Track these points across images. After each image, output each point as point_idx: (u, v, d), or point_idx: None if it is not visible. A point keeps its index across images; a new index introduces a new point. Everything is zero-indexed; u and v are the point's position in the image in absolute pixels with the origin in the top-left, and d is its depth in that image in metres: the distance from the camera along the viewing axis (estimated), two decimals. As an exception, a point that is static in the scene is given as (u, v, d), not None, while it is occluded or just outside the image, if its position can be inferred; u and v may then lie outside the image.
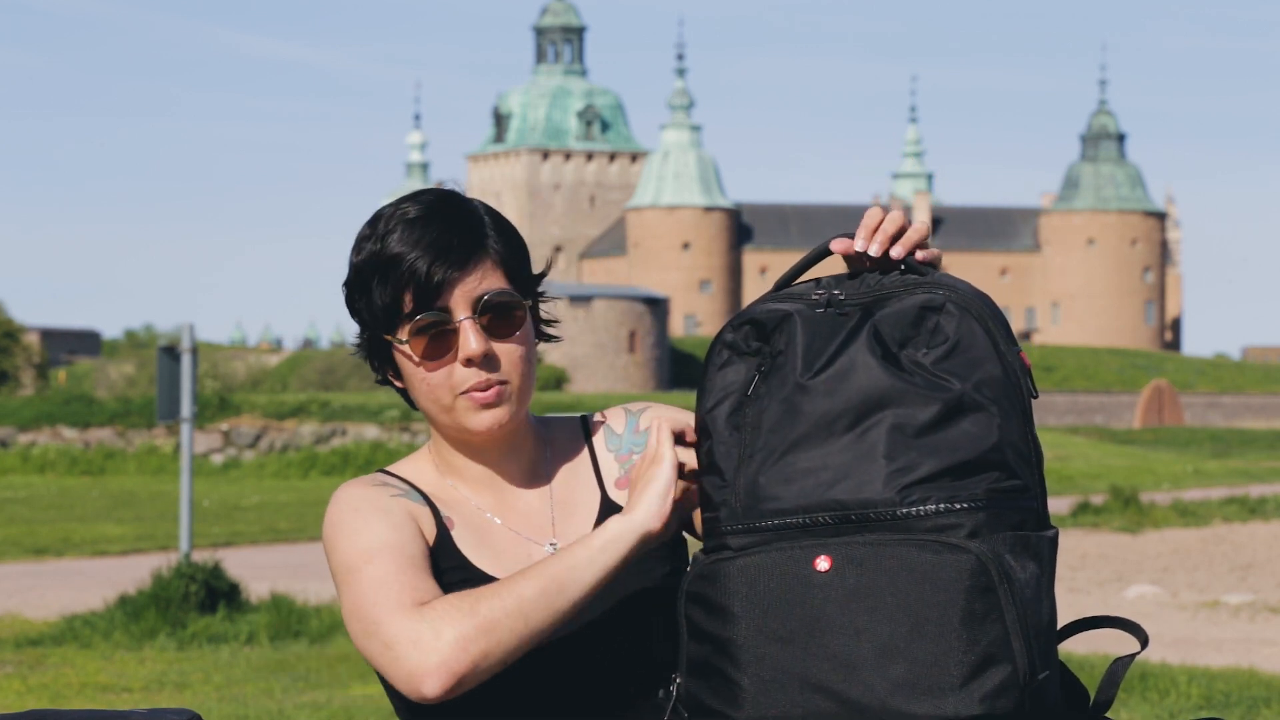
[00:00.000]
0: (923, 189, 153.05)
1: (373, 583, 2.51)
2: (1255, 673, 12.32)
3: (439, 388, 2.63)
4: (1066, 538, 25.22)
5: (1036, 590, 2.41)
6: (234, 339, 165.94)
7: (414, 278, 2.60)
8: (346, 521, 2.60)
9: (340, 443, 42.63)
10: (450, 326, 2.61)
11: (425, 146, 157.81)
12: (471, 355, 2.61)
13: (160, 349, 15.66)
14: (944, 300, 2.44)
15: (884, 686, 2.34)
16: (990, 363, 2.45)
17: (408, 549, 2.56)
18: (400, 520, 2.61)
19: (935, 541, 2.36)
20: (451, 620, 2.42)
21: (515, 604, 2.44)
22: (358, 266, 2.64)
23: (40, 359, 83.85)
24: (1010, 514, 2.41)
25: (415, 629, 2.43)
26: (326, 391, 76.32)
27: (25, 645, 14.14)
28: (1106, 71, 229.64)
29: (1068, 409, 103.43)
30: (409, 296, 2.60)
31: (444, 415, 2.65)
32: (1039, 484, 2.48)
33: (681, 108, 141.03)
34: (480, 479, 2.71)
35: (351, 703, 11.28)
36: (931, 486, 2.38)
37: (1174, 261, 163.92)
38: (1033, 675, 2.37)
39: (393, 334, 2.63)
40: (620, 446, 2.77)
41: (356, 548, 2.56)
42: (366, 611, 2.49)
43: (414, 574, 2.52)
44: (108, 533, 25.26)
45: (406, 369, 2.65)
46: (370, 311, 2.64)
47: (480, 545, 2.66)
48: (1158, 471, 44.97)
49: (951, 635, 2.34)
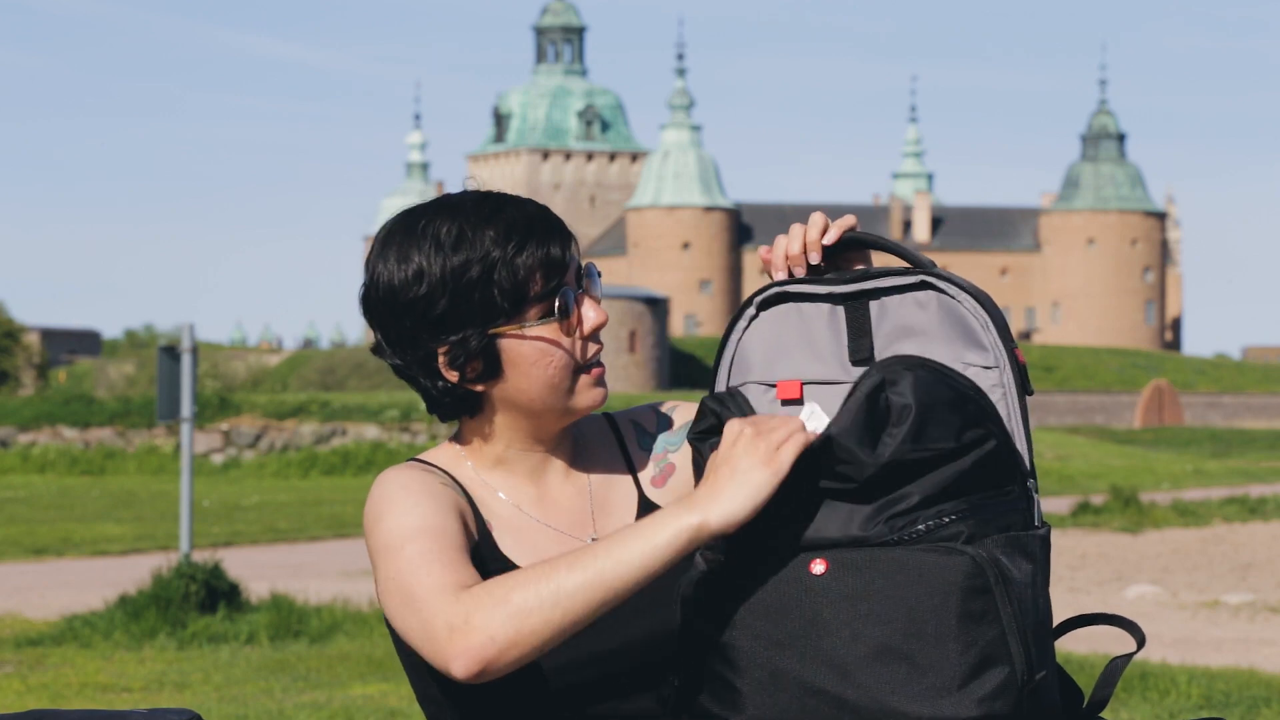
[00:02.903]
0: (923, 189, 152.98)
1: (415, 559, 2.47)
2: (1255, 673, 12.31)
3: (565, 367, 2.60)
4: (1066, 538, 25.21)
5: (1032, 589, 2.40)
6: (234, 339, 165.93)
7: (545, 257, 2.57)
8: (398, 499, 2.56)
9: (340, 443, 42.62)
10: (578, 300, 2.61)
11: (425, 146, 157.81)
12: (600, 323, 2.60)
13: (160, 349, 15.65)
14: (881, 376, 2.39)
15: (881, 689, 2.34)
16: (964, 400, 2.42)
17: (452, 534, 2.52)
18: (447, 506, 2.57)
19: (930, 545, 2.37)
20: (485, 608, 2.37)
21: (552, 595, 2.36)
22: (458, 268, 2.55)
23: (40, 359, 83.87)
24: (1000, 516, 2.41)
25: (450, 611, 2.39)
26: (326, 391, 76.34)
27: (25, 645, 14.13)
28: (1106, 71, 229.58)
29: (1068, 409, 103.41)
30: (540, 277, 2.57)
31: (561, 399, 2.62)
32: (1029, 482, 2.47)
33: (681, 108, 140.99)
34: (524, 473, 2.68)
35: (351, 703, 11.27)
36: (918, 511, 2.38)
37: (1174, 261, 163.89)
38: (1030, 675, 2.37)
39: (513, 323, 2.58)
40: (653, 446, 2.75)
41: (404, 525, 2.52)
42: (406, 585, 2.45)
43: (457, 556, 2.48)
44: (108, 533, 25.26)
45: (528, 357, 2.59)
46: (487, 308, 2.57)
47: (520, 543, 2.64)
48: (1158, 471, 44.97)
49: (948, 637, 2.34)
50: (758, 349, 2.54)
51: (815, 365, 2.51)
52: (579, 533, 2.67)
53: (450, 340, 2.58)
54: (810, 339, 2.52)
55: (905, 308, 2.49)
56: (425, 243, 2.58)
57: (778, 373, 2.52)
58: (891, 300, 2.50)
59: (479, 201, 2.61)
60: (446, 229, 2.58)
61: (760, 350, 2.54)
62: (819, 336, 2.52)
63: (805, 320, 2.53)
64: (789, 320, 2.53)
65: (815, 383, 2.51)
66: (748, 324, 2.54)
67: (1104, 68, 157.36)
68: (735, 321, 2.55)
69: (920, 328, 2.48)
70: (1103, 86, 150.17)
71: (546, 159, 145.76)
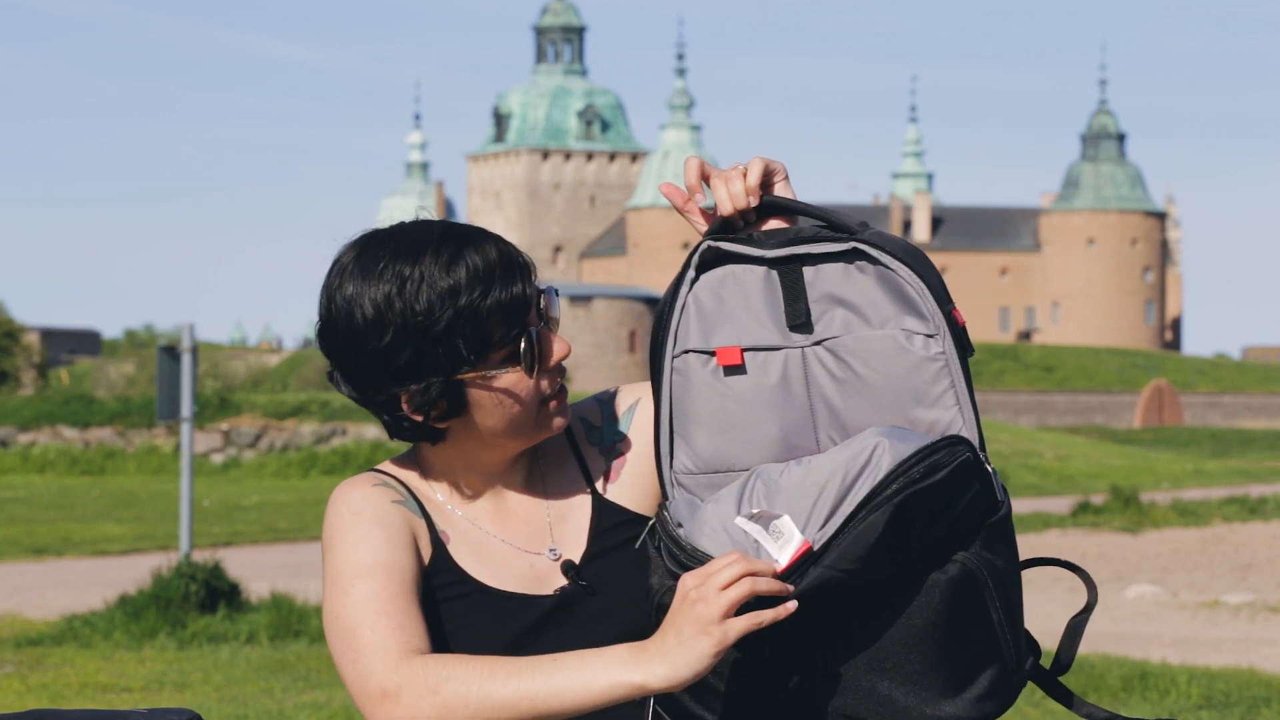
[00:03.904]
0: (923, 189, 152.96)
1: (362, 603, 2.49)
2: (1255, 673, 12.31)
3: (529, 404, 2.60)
4: (1066, 538, 25.22)
5: (1013, 572, 2.42)
6: (234, 339, 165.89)
7: (512, 299, 2.56)
8: (348, 526, 2.58)
9: (340, 442, 42.61)
10: (541, 335, 2.60)
11: (425, 146, 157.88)
12: (564, 354, 2.60)
13: (160, 349, 15.65)
14: (890, 512, 2.36)
15: (876, 696, 2.34)
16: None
17: (399, 572, 2.53)
18: (397, 534, 2.58)
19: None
20: (416, 689, 2.39)
21: (479, 700, 2.37)
22: (422, 317, 2.53)
23: (40, 359, 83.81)
24: (976, 513, 2.40)
25: (386, 679, 2.42)
26: (326, 391, 76.25)
27: (25, 645, 14.13)
28: (1106, 71, 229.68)
29: (1068, 409, 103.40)
30: (502, 319, 2.56)
31: (526, 431, 2.62)
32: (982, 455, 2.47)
33: (681, 108, 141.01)
34: (480, 489, 2.69)
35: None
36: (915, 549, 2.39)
37: (1174, 261, 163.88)
38: (1020, 665, 2.39)
39: (478, 367, 2.57)
40: (601, 439, 2.74)
41: (353, 560, 2.54)
42: (350, 630, 2.48)
43: (404, 607, 2.49)
44: (108, 533, 25.25)
45: (493, 397, 2.59)
46: (451, 355, 2.55)
47: (478, 556, 2.65)
48: (1158, 471, 44.98)
49: (942, 643, 2.34)
50: (693, 315, 2.53)
51: (755, 329, 2.50)
52: (536, 546, 2.67)
53: (413, 389, 2.57)
54: (747, 302, 2.51)
55: (838, 275, 2.48)
56: (387, 286, 2.55)
57: (716, 339, 2.51)
58: (826, 267, 2.49)
59: (438, 244, 2.57)
60: (409, 274, 2.55)
61: (697, 316, 2.53)
62: (755, 300, 2.51)
63: (740, 284, 2.52)
64: (726, 284, 2.52)
65: (754, 349, 2.50)
66: (689, 288, 2.53)
67: (1104, 68, 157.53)
68: (678, 285, 2.54)
69: (853, 299, 2.48)
70: (1103, 86, 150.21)
71: (546, 159, 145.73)
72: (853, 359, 2.47)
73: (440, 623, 2.59)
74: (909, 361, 2.45)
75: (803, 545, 2.33)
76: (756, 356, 2.50)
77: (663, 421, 2.56)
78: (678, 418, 2.55)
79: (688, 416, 2.54)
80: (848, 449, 2.39)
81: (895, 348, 2.46)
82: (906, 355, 2.45)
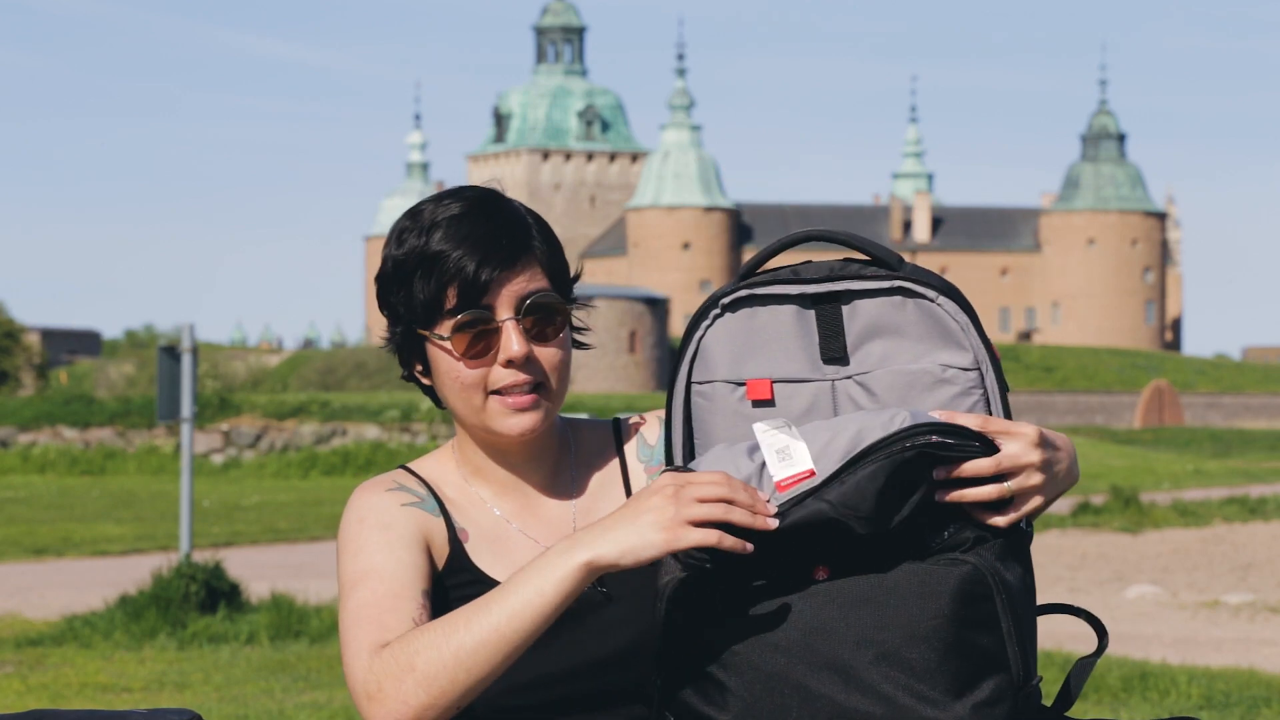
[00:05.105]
0: (923, 189, 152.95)
1: (355, 610, 2.51)
2: (1255, 673, 12.31)
3: (473, 387, 2.60)
4: (1066, 538, 25.22)
5: (1025, 591, 2.41)
6: (234, 339, 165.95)
7: (460, 274, 2.57)
8: (351, 534, 2.60)
9: (340, 443, 42.62)
10: (493, 326, 2.59)
11: (425, 146, 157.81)
12: (513, 356, 2.58)
13: (160, 349, 15.64)
14: (898, 458, 2.37)
15: (881, 694, 2.34)
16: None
17: (393, 572, 2.54)
18: (398, 538, 2.59)
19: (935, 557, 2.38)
20: (393, 676, 2.40)
21: (453, 656, 2.37)
22: (398, 259, 2.60)
23: (40, 359, 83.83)
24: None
25: (366, 678, 2.42)
26: (326, 391, 76.34)
27: (25, 645, 14.13)
28: (1106, 71, 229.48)
29: (1068, 409, 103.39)
30: (453, 292, 2.57)
31: (474, 416, 2.62)
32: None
33: (681, 108, 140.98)
34: (504, 482, 2.69)
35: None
36: (927, 532, 2.39)
37: (1174, 261, 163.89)
38: (1026, 681, 2.38)
39: (430, 329, 2.60)
40: (651, 458, 2.73)
41: (354, 569, 2.56)
42: (343, 641, 2.51)
43: (391, 605, 2.50)
44: (108, 533, 25.25)
45: (441, 365, 2.61)
46: (409, 305, 2.60)
47: (497, 555, 2.64)
48: (1158, 471, 44.98)
49: (949, 644, 2.34)
50: (724, 346, 2.51)
51: (786, 363, 2.49)
52: None
53: (394, 330, 2.65)
54: (780, 336, 2.50)
55: (877, 309, 2.47)
56: (404, 220, 2.64)
57: (747, 371, 2.50)
58: (864, 302, 2.48)
59: (459, 201, 2.62)
60: (409, 221, 2.62)
61: (727, 347, 2.51)
62: (788, 334, 2.49)
63: (774, 317, 2.50)
64: (757, 317, 2.50)
65: (786, 381, 2.49)
66: (711, 322, 2.52)
67: (1104, 68, 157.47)
68: (699, 319, 2.52)
69: (894, 327, 2.47)
70: (1103, 86, 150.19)
71: (546, 159, 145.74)
72: (884, 392, 2.47)
73: None
74: (944, 395, 2.46)
75: (808, 471, 2.34)
76: (785, 388, 2.50)
77: (676, 438, 2.54)
78: (700, 436, 2.53)
79: (710, 436, 2.53)
80: (870, 413, 2.40)
81: (932, 381, 2.46)
82: (942, 388, 2.46)
